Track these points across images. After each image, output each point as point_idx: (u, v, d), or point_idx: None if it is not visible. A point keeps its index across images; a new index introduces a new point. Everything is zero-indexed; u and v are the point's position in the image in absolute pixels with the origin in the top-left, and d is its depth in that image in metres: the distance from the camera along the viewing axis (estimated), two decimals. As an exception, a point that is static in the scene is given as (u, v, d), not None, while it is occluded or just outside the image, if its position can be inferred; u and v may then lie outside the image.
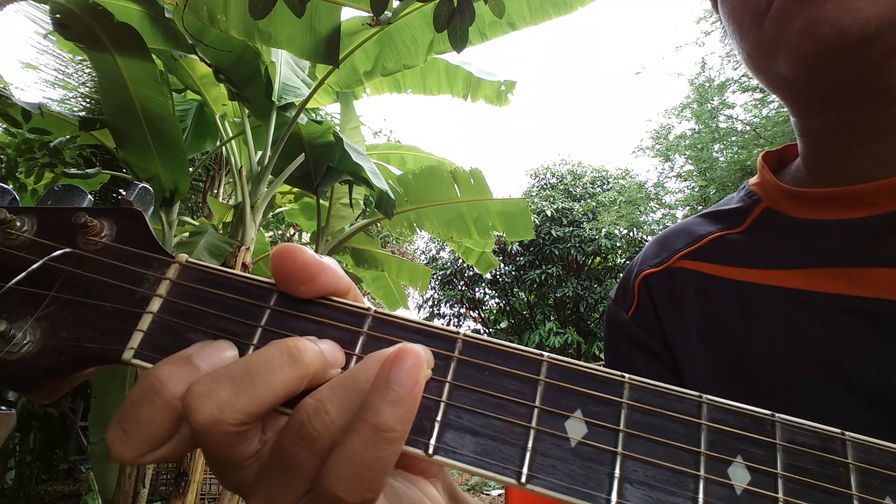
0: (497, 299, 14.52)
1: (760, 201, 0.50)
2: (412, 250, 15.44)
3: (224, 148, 4.42)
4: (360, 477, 0.22)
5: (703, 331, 0.47)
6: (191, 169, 4.22)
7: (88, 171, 3.01)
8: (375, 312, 0.28)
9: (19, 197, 0.36)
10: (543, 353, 0.26)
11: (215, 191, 6.99)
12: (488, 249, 5.64)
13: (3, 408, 0.26)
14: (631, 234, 12.69)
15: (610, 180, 14.15)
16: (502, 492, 5.78)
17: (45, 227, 0.30)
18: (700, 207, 10.50)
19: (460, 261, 13.30)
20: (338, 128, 4.29)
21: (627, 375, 0.25)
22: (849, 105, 0.42)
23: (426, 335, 0.27)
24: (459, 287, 14.13)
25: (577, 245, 12.29)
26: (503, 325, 14.71)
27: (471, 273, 13.78)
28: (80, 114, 5.85)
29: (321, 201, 4.42)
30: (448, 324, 14.13)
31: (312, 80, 4.05)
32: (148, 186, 0.32)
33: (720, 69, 11.36)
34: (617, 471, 0.23)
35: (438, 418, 0.25)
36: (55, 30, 2.65)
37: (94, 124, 3.30)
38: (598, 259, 13.19)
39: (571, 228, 12.58)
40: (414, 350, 0.24)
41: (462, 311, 14.61)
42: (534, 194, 13.90)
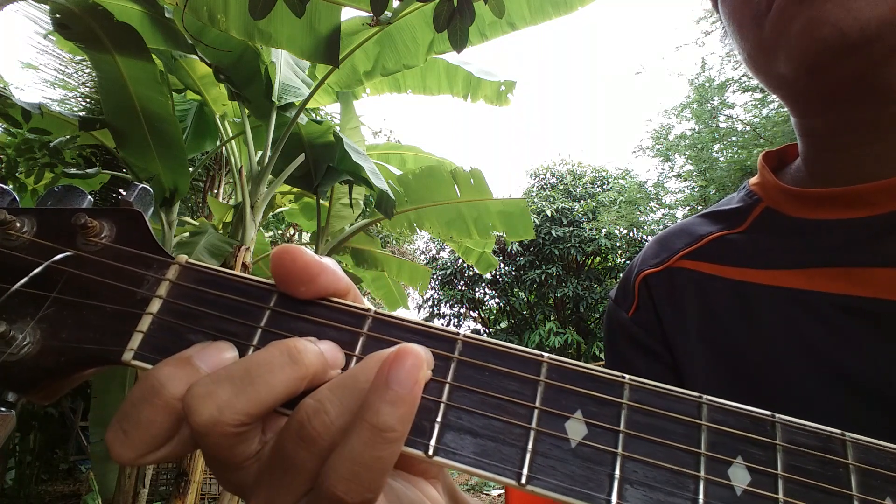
0: (497, 299, 14.52)
1: (761, 201, 0.50)
2: (412, 250, 15.44)
3: (224, 148, 4.42)
4: (360, 477, 0.22)
5: (703, 331, 0.47)
6: (191, 169, 4.22)
7: (88, 171, 3.02)
8: (375, 313, 0.28)
9: (19, 197, 0.36)
10: (543, 353, 0.26)
11: (215, 191, 6.99)
12: (488, 249, 5.64)
13: (2, 409, 0.26)
14: (631, 234, 12.69)
15: (610, 180, 14.14)
16: (502, 492, 5.78)
17: (45, 228, 0.30)
18: (700, 207, 10.50)
19: (460, 261, 13.30)
20: (338, 128, 4.29)
21: (627, 376, 0.25)
22: (849, 105, 0.42)
23: (426, 336, 0.27)
24: (459, 287, 14.12)
25: (577, 245, 12.29)
26: (503, 325, 14.70)
27: (471, 273, 13.78)
28: (80, 114, 5.84)
29: (321, 201, 4.42)
30: (448, 324, 14.12)
31: (312, 80, 4.06)
32: (147, 187, 0.32)
33: (720, 69, 11.37)
34: (617, 471, 0.23)
35: (438, 419, 0.25)
36: (55, 30, 2.65)
37: (94, 124, 3.30)
38: (598, 259, 13.18)
39: (571, 228, 12.57)
40: (414, 350, 0.24)
41: (462, 311, 14.61)
42: (534, 194, 13.89)
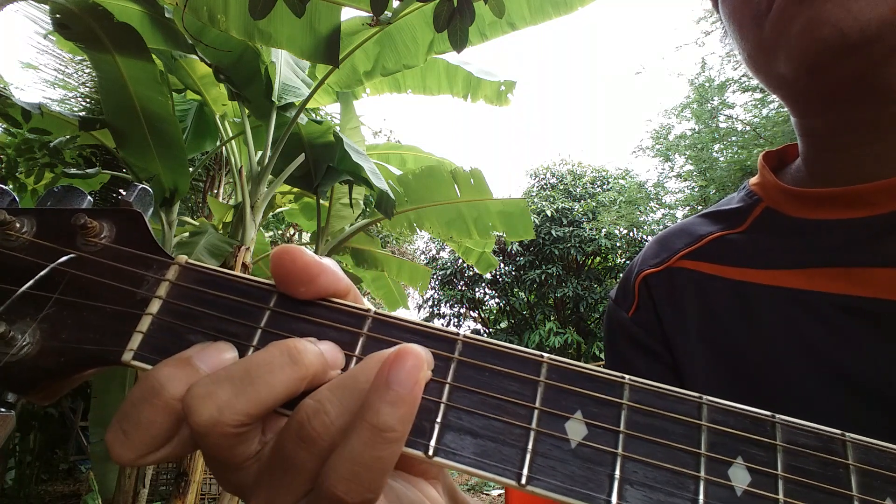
0: (497, 299, 14.52)
1: (761, 201, 0.50)
2: (412, 250, 15.43)
3: (224, 148, 4.42)
4: (361, 477, 0.22)
5: (704, 331, 0.47)
6: (191, 169, 4.22)
7: (88, 171, 3.01)
8: (375, 314, 0.28)
9: (19, 197, 0.36)
10: (543, 354, 0.26)
11: (215, 191, 6.99)
12: (488, 249, 5.64)
13: (2, 409, 0.26)
14: (631, 234, 12.69)
15: (610, 180, 14.14)
16: (502, 492, 5.78)
17: (45, 228, 0.30)
18: (700, 207, 10.50)
19: (460, 261, 13.30)
20: (338, 128, 4.29)
21: (628, 376, 0.25)
22: (849, 105, 0.42)
23: (426, 336, 0.27)
24: (459, 287, 14.12)
25: (577, 245, 12.29)
26: (503, 325, 14.70)
27: (471, 273, 13.78)
28: (80, 114, 5.85)
29: (321, 201, 4.42)
30: (448, 324, 14.12)
31: (312, 80, 4.06)
32: (147, 187, 0.32)
33: (720, 69, 11.38)
34: (617, 472, 0.23)
35: (438, 419, 0.25)
36: (55, 30, 2.65)
37: (94, 124, 3.30)
38: (598, 259, 13.18)
39: (571, 228, 12.57)
40: (414, 350, 0.24)
41: (462, 311, 14.60)
42: (534, 194, 13.89)
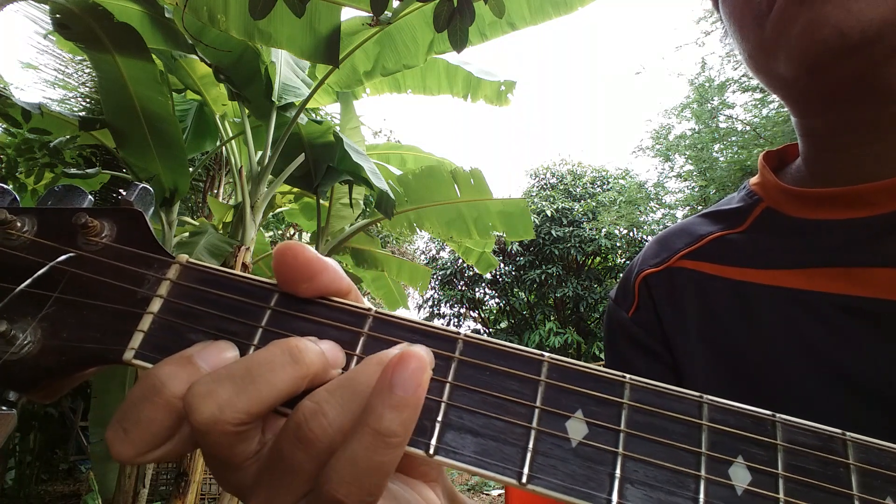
0: (497, 299, 14.51)
1: (761, 201, 0.50)
2: (412, 250, 15.43)
3: (224, 148, 4.42)
4: (362, 481, 0.22)
5: (704, 331, 0.47)
6: (191, 169, 4.22)
7: (88, 171, 3.01)
8: (376, 313, 0.28)
9: (19, 197, 0.36)
10: (544, 353, 0.26)
11: (215, 191, 6.99)
12: (488, 249, 5.64)
13: (3, 408, 0.26)
14: (631, 234, 12.69)
15: (610, 180, 14.14)
16: (502, 492, 5.78)
17: (46, 227, 0.30)
18: (700, 207, 10.50)
19: (460, 261, 13.29)
20: (338, 128, 4.29)
21: (628, 376, 0.25)
22: (849, 105, 0.42)
23: (427, 336, 0.27)
24: (459, 287, 14.12)
25: (577, 245, 12.29)
26: (503, 325, 14.70)
27: (471, 273, 13.78)
28: (80, 114, 5.84)
29: (321, 201, 4.42)
30: (448, 324, 14.12)
31: (312, 80, 4.05)
32: (148, 187, 0.32)
33: (720, 69, 11.38)
34: (618, 471, 0.23)
35: (439, 418, 0.25)
36: (55, 30, 2.64)
37: (94, 124, 3.30)
38: (598, 259, 13.18)
39: (571, 228, 12.57)
40: (417, 353, 0.24)
41: (462, 311, 14.60)
42: (534, 194, 13.89)
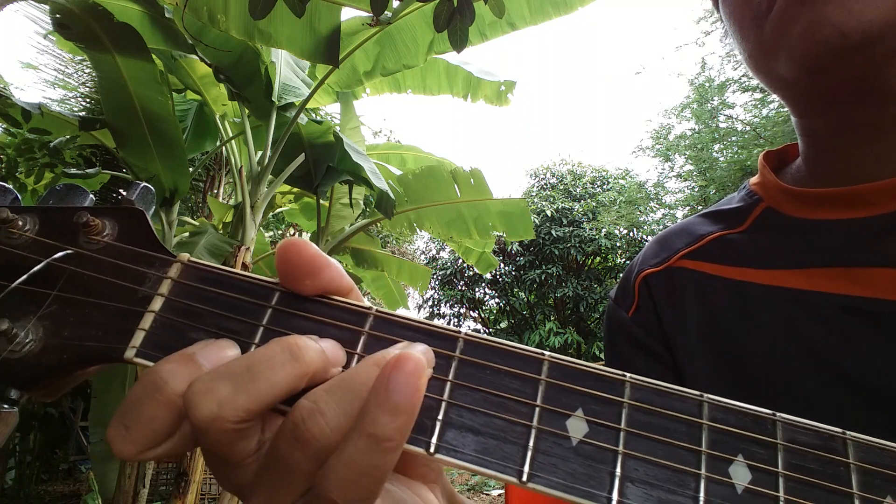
0: (497, 299, 14.51)
1: (761, 201, 0.50)
2: (412, 250, 15.43)
3: (224, 148, 4.42)
4: (358, 483, 0.22)
5: (704, 331, 0.47)
6: (191, 169, 4.22)
7: (88, 171, 3.01)
8: (377, 312, 0.28)
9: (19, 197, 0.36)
10: (545, 352, 0.26)
11: (215, 191, 6.99)
12: (488, 249, 5.64)
13: (5, 406, 0.26)
14: (631, 234, 12.69)
15: (610, 180, 14.14)
16: (502, 492, 5.77)
17: (47, 226, 0.30)
18: (700, 207, 10.49)
19: (460, 261, 13.29)
20: (338, 128, 4.29)
21: (629, 375, 0.25)
22: (850, 105, 0.42)
23: (427, 334, 0.27)
24: (459, 287, 14.12)
25: (577, 245, 12.29)
26: (503, 325, 14.70)
27: (471, 273, 13.78)
28: (80, 114, 5.84)
29: (321, 201, 4.42)
30: (448, 324, 14.01)
31: (312, 80, 4.06)
32: (149, 186, 0.32)
33: (720, 69, 11.38)
34: (618, 469, 0.23)
35: (440, 417, 0.25)
36: (55, 30, 2.64)
37: (94, 124, 3.30)
38: (598, 259, 13.18)
39: (571, 228, 12.57)
40: (414, 355, 0.23)
41: (462, 311, 14.60)
42: (534, 194, 13.89)
